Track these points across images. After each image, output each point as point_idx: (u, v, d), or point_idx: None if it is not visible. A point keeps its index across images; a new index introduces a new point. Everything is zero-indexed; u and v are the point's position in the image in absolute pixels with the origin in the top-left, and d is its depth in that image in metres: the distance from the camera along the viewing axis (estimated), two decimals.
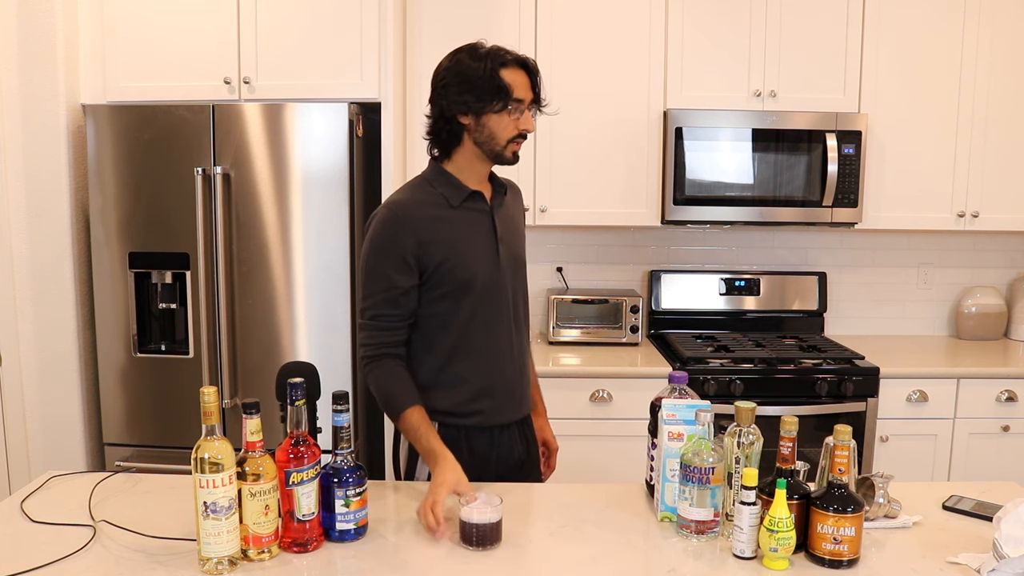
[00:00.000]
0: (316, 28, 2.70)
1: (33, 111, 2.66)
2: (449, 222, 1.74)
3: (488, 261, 1.77)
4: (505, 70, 1.69)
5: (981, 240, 3.48)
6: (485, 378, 1.79)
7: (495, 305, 1.79)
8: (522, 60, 1.72)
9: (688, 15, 3.00)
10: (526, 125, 1.73)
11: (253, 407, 1.38)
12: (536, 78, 1.73)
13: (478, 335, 1.77)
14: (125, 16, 2.71)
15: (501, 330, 1.80)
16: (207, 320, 2.66)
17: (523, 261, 1.89)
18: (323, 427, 2.18)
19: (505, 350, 1.81)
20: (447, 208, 1.75)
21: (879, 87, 3.04)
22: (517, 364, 1.84)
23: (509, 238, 1.83)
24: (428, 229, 1.71)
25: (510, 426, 1.85)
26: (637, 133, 3.05)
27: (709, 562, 1.43)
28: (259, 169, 2.62)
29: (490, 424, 1.81)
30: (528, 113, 1.74)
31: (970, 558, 1.43)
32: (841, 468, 1.40)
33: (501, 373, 1.81)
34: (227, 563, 1.37)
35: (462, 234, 1.75)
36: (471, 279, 1.74)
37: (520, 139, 1.75)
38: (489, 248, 1.78)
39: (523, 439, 1.90)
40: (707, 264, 3.46)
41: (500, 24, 2.98)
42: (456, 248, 1.73)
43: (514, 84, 1.69)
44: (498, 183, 1.86)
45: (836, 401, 2.84)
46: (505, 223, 1.83)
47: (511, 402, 1.84)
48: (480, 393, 1.79)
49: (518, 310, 1.85)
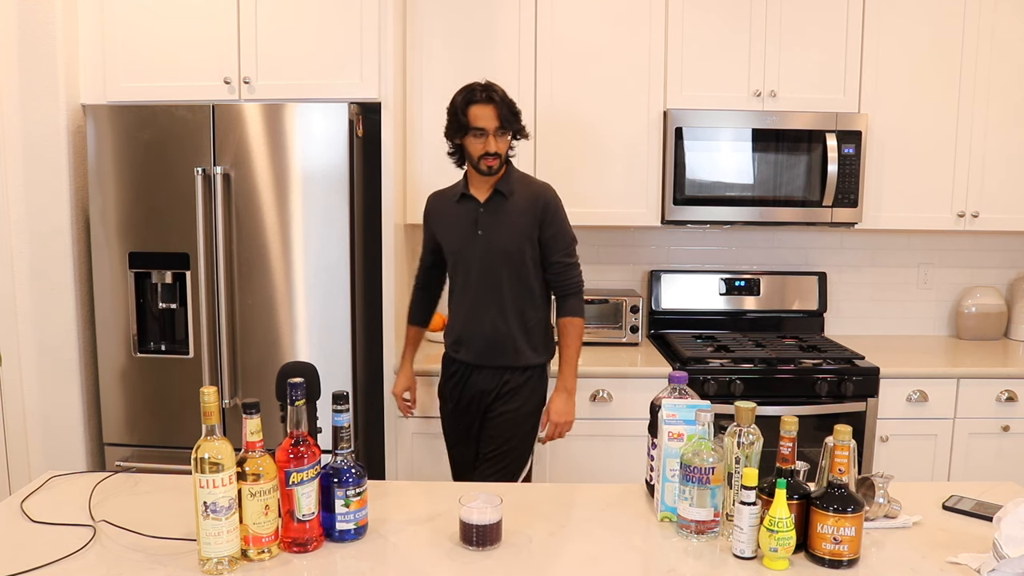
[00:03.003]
0: (316, 28, 2.70)
1: (33, 111, 2.66)
2: (448, 211, 2.44)
3: (464, 244, 2.38)
4: (473, 106, 2.27)
5: (981, 240, 3.48)
6: (459, 326, 2.43)
7: (466, 277, 2.40)
8: (489, 95, 2.27)
9: (688, 15, 3.00)
10: (489, 147, 2.28)
11: (253, 407, 1.38)
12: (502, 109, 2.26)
13: (457, 295, 2.44)
14: (125, 16, 2.71)
15: (468, 296, 2.40)
16: (207, 320, 2.66)
17: (508, 251, 2.34)
18: (323, 427, 2.19)
19: (471, 311, 2.39)
20: (451, 202, 2.42)
21: (879, 87, 3.05)
22: (483, 323, 2.38)
23: (494, 232, 2.35)
24: (435, 212, 2.49)
25: (481, 368, 2.40)
26: (637, 133, 3.05)
27: (709, 562, 1.43)
28: (259, 169, 2.63)
29: (464, 360, 2.43)
30: (492, 137, 2.27)
31: (970, 558, 1.43)
32: (841, 468, 1.40)
33: (468, 327, 2.41)
34: (227, 563, 1.37)
35: (451, 221, 2.42)
36: (451, 253, 2.42)
37: (488, 156, 2.29)
38: (468, 235, 2.37)
39: (497, 381, 2.39)
40: (707, 264, 3.46)
41: (500, 24, 2.98)
42: (444, 229, 2.44)
43: (477, 117, 2.27)
44: (500, 191, 2.35)
45: (836, 401, 2.84)
46: (494, 219, 2.35)
47: (473, 348, 2.40)
48: (459, 336, 2.44)
49: (491, 286, 2.36)
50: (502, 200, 2.35)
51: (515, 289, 2.37)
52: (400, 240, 2.95)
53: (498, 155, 2.29)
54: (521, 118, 2.35)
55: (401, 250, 2.98)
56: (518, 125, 2.33)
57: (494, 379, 2.40)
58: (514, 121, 2.31)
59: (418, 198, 3.03)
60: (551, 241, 2.38)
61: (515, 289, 2.37)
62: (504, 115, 2.27)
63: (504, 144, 2.31)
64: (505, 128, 2.29)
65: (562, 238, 2.39)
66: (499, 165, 2.32)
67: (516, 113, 2.33)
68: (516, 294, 2.38)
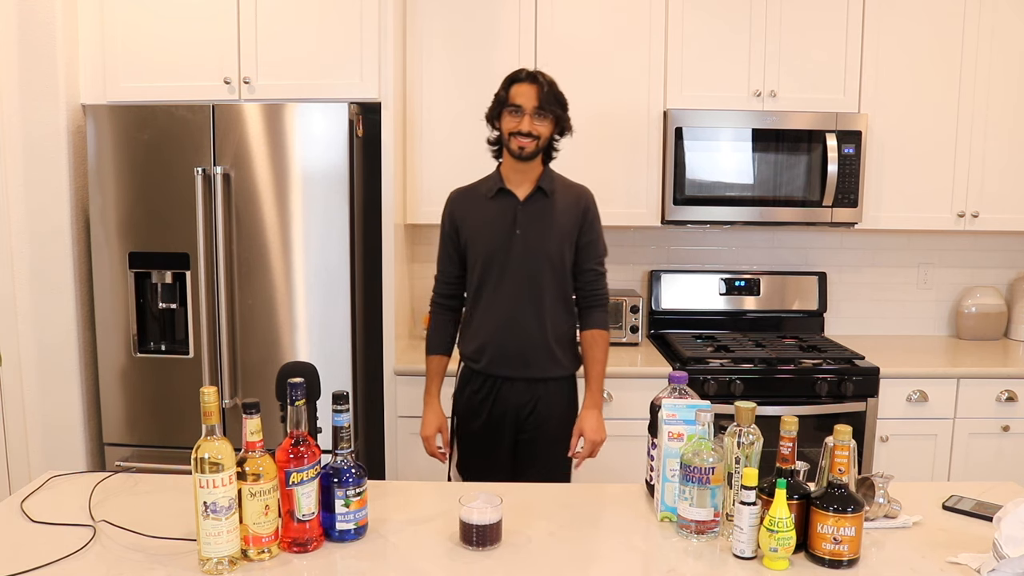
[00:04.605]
0: (316, 28, 2.70)
1: (33, 111, 2.66)
2: (479, 208, 2.22)
3: (499, 244, 2.18)
4: (515, 84, 2.15)
5: (981, 240, 3.48)
6: (487, 334, 2.21)
7: (499, 280, 2.19)
8: (534, 77, 2.15)
9: (688, 15, 3.00)
10: (522, 126, 2.12)
11: (253, 407, 1.38)
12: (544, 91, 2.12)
13: (484, 300, 2.21)
14: (125, 16, 2.71)
15: (501, 301, 2.19)
16: (207, 320, 2.66)
17: (549, 253, 2.19)
18: (323, 427, 2.18)
19: (504, 318, 2.19)
20: (483, 198, 2.23)
21: (879, 87, 3.05)
22: (517, 331, 2.19)
23: (534, 232, 2.18)
24: (461, 210, 2.25)
25: (512, 380, 2.20)
26: (637, 133, 3.05)
27: (709, 562, 1.43)
28: (259, 169, 2.63)
29: (490, 372, 2.21)
30: (528, 116, 2.12)
31: (970, 558, 1.43)
32: (841, 468, 1.40)
33: (499, 335, 2.19)
34: (227, 563, 1.37)
35: (484, 219, 2.21)
36: (482, 254, 2.19)
37: (519, 136, 2.13)
38: (505, 234, 2.18)
39: (530, 395, 2.21)
40: (707, 264, 3.46)
41: (500, 24, 2.98)
42: (475, 228, 2.21)
43: (516, 94, 2.14)
44: (540, 187, 2.20)
45: (836, 401, 2.84)
46: (534, 218, 2.19)
47: (503, 359, 2.20)
48: (483, 345, 2.21)
49: (529, 290, 2.18)
50: (543, 198, 2.20)
51: (553, 294, 2.21)
52: (400, 240, 2.95)
53: (532, 135, 2.12)
54: (567, 107, 2.19)
55: (401, 250, 2.98)
56: (561, 112, 2.16)
57: (527, 393, 2.21)
58: (556, 105, 2.14)
59: (418, 198, 3.03)
60: (588, 247, 2.25)
61: (553, 294, 2.21)
62: (544, 96, 2.11)
63: (542, 128, 2.14)
64: (544, 110, 2.12)
65: (597, 245, 2.28)
66: (533, 150, 2.14)
67: (561, 100, 2.17)
68: (553, 299, 2.21)
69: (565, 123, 2.20)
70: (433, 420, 2.27)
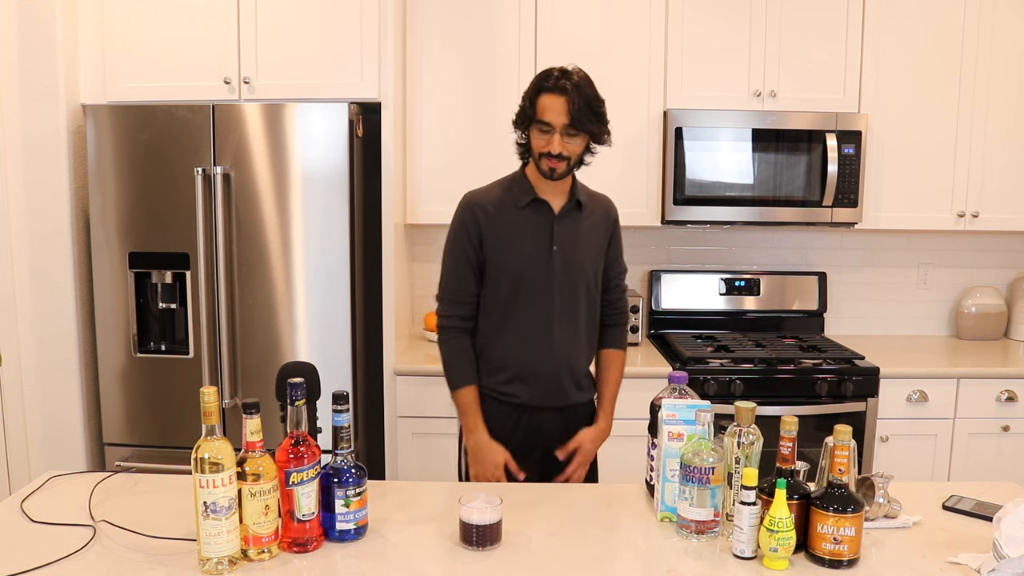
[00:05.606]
0: (316, 28, 2.70)
1: (33, 111, 2.66)
2: (509, 218, 1.96)
3: (536, 260, 1.95)
4: (543, 95, 1.87)
5: (981, 240, 3.48)
6: (519, 361, 1.98)
7: (530, 301, 1.96)
8: (563, 84, 1.84)
9: (688, 15, 3.00)
10: (552, 147, 1.87)
11: (253, 407, 1.38)
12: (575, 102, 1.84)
13: (518, 324, 1.97)
14: (125, 16, 2.71)
15: (534, 325, 1.97)
16: (207, 320, 2.66)
17: (585, 271, 1.99)
18: (323, 427, 2.18)
19: (539, 343, 1.97)
20: (512, 208, 1.96)
21: (879, 87, 3.05)
22: (555, 356, 1.98)
23: (569, 246, 1.97)
24: (489, 220, 1.96)
25: (543, 410, 2.00)
26: (637, 133, 3.05)
27: (709, 562, 1.43)
28: (259, 169, 2.63)
29: (521, 403, 1.99)
30: (558, 135, 1.86)
31: (970, 558, 1.43)
32: (841, 468, 1.40)
33: (534, 362, 1.97)
34: (227, 563, 1.37)
35: (517, 231, 1.95)
36: (515, 271, 1.94)
37: (549, 157, 1.88)
38: (542, 249, 1.95)
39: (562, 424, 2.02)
40: (707, 264, 3.46)
41: (500, 24, 2.98)
42: (507, 242, 1.95)
43: (545, 108, 1.86)
44: (576, 199, 1.99)
45: (836, 401, 2.84)
46: (569, 232, 1.97)
47: (537, 388, 1.98)
48: (514, 375, 1.98)
49: (568, 313, 1.98)
50: (577, 211, 2.00)
51: (588, 316, 2.03)
52: (400, 240, 2.95)
53: (563, 157, 1.88)
54: (604, 118, 1.92)
55: (401, 250, 2.98)
56: (596, 127, 1.89)
57: (558, 421, 2.02)
58: (590, 120, 1.87)
59: (418, 198, 3.03)
60: (614, 262, 2.09)
61: (588, 316, 2.03)
62: (577, 111, 1.84)
63: (575, 147, 1.90)
64: (576, 127, 1.86)
65: (621, 259, 2.12)
66: (564, 170, 1.91)
67: (596, 112, 1.89)
68: (588, 321, 2.03)
69: (601, 137, 1.94)
70: (498, 448, 1.95)
